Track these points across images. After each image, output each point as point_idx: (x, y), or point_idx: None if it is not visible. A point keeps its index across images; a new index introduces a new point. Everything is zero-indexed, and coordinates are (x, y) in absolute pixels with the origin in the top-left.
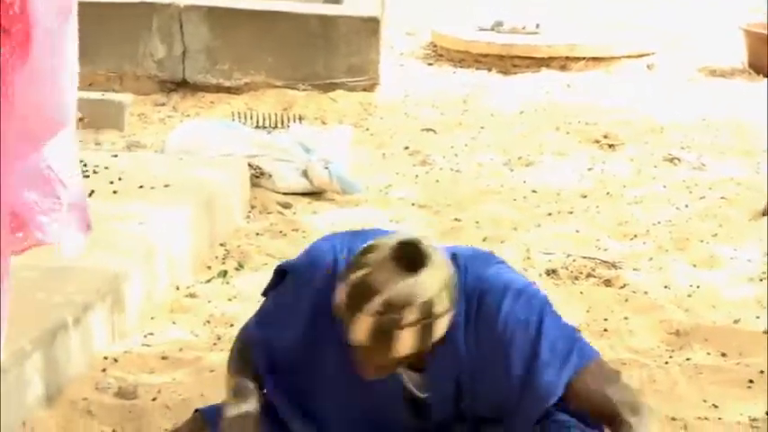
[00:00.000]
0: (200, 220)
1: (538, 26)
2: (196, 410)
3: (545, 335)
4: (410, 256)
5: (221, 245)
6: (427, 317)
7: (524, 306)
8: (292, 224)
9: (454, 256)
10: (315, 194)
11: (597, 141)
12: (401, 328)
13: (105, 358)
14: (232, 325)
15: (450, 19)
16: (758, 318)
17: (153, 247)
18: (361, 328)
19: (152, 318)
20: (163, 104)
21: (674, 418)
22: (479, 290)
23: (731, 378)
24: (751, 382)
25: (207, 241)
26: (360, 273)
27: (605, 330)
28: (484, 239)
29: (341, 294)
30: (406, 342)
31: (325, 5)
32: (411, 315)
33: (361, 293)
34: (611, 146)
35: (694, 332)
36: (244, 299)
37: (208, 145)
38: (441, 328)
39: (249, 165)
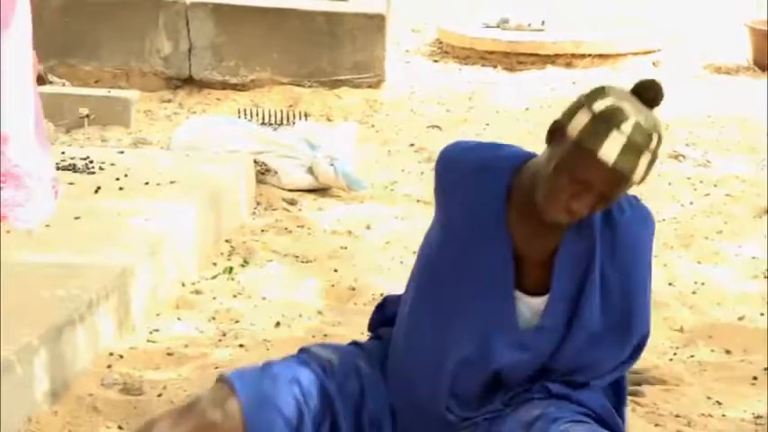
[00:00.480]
0: (206, 216)
1: (543, 23)
2: (220, 377)
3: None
4: (653, 97)
5: (227, 241)
6: (657, 149)
7: (646, 229)
8: (298, 220)
9: None
10: (320, 191)
11: None
12: (648, 150)
13: (111, 354)
14: (237, 321)
15: (455, 16)
16: (762, 315)
17: (158, 243)
18: (613, 146)
19: (157, 314)
20: (169, 101)
21: (677, 415)
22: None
23: (735, 375)
24: (755, 378)
25: (212, 237)
26: (607, 101)
27: None
28: None
29: (587, 118)
30: (642, 167)
31: (331, 2)
32: (653, 142)
33: (616, 114)
34: None
35: (699, 329)
36: (249, 295)
37: (213, 141)
38: (652, 165)
39: (255, 161)
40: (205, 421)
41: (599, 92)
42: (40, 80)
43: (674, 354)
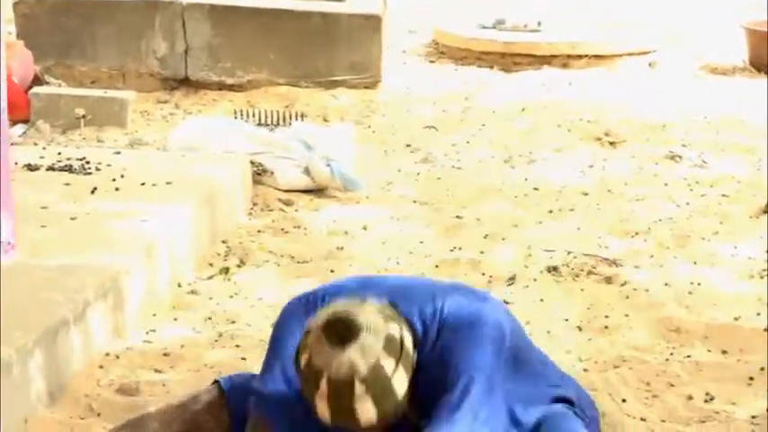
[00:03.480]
0: (202, 217)
1: (539, 24)
2: (215, 381)
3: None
4: (340, 334)
5: (223, 242)
6: (376, 384)
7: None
8: (294, 221)
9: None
10: (317, 191)
11: (598, 139)
12: (355, 401)
13: (107, 355)
14: (233, 322)
15: (451, 17)
16: (759, 315)
17: (155, 243)
18: (322, 410)
19: (153, 315)
20: (165, 102)
21: (674, 416)
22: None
23: (732, 375)
24: (751, 379)
25: (209, 238)
26: (304, 356)
27: (606, 327)
28: (485, 237)
29: (322, 407)
30: (367, 411)
31: (328, 3)
32: (358, 389)
33: (311, 378)
34: (612, 143)
35: (695, 329)
36: (245, 296)
37: (210, 142)
38: (400, 383)
39: (251, 162)
40: (193, 414)
41: (300, 347)
42: (37, 80)
43: (671, 354)
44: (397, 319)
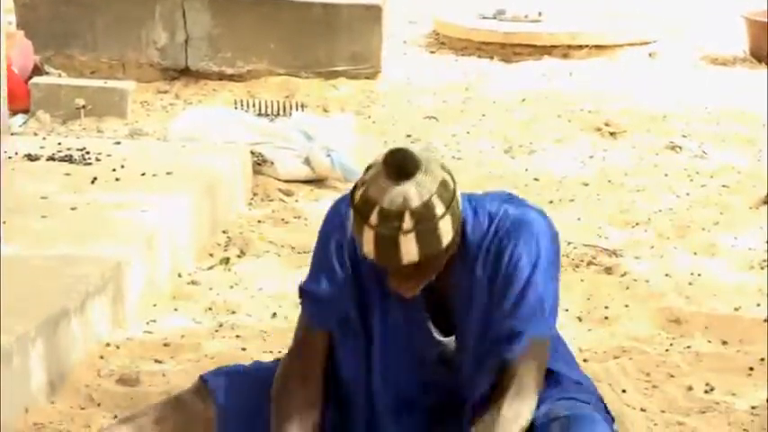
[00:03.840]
0: (203, 207)
1: (540, 14)
2: (200, 377)
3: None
4: (399, 165)
5: (223, 232)
6: (424, 221)
7: (529, 247)
8: (294, 211)
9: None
10: (317, 182)
11: (599, 129)
12: (402, 233)
13: (107, 345)
14: (234, 312)
15: (452, 7)
16: (759, 305)
17: (155, 234)
18: (367, 242)
19: (154, 305)
20: (165, 92)
21: (674, 406)
22: (495, 225)
23: (732, 366)
24: (751, 369)
25: (209, 228)
26: (360, 191)
27: (606, 318)
28: None
29: (351, 216)
30: (410, 248)
31: None
32: (407, 222)
33: (363, 209)
34: (612, 134)
35: (695, 320)
36: (245, 286)
37: (210, 132)
38: (445, 231)
39: (251, 152)
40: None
41: (357, 183)
42: (37, 70)
43: (671, 344)
44: (452, 177)
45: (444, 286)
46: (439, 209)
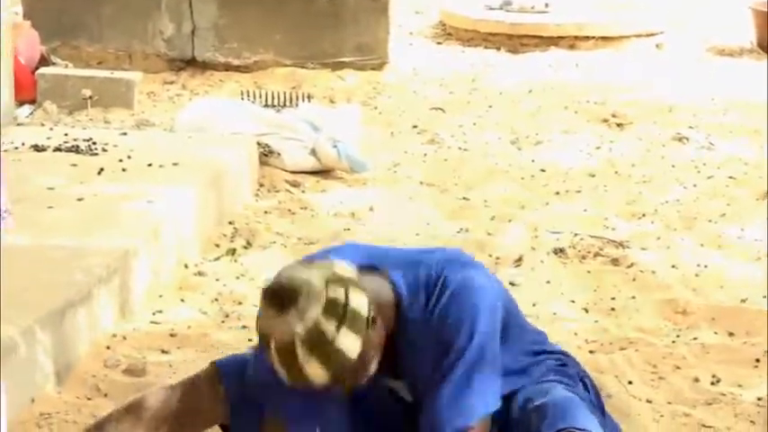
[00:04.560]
0: (209, 198)
1: (547, 5)
2: (212, 362)
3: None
4: (277, 297)
5: (230, 223)
6: (318, 345)
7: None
8: (300, 202)
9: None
10: (323, 173)
11: (605, 120)
12: (304, 363)
13: (114, 336)
14: (240, 303)
15: None
16: (765, 297)
17: (161, 224)
18: (280, 373)
19: (160, 296)
20: (172, 83)
21: (680, 398)
22: (435, 297)
23: (738, 357)
24: (757, 361)
25: (215, 219)
26: (258, 321)
27: (612, 309)
28: (492, 218)
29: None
30: (317, 372)
31: None
32: (301, 352)
33: (262, 340)
34: (619, 125)
35: (701, 311)
36: (252, 277)
37: (216, 123)
38: (349, 343)
39: (258, 143)
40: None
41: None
42: (44, 61)
43: (677, 336)
44: (348, 281)
45: (389, 360)
46: (329, 330)
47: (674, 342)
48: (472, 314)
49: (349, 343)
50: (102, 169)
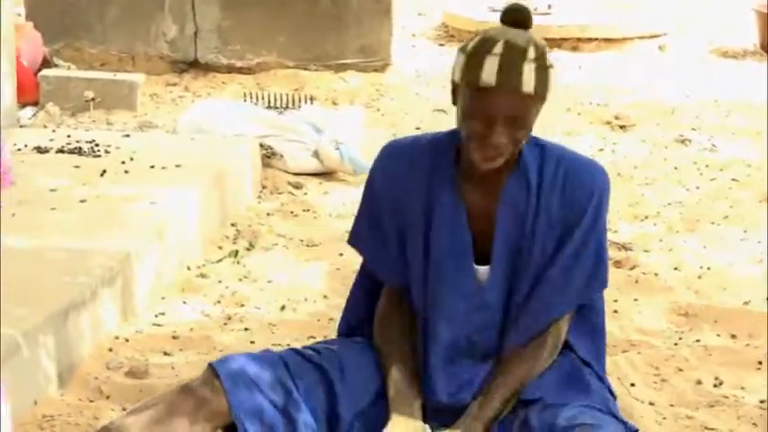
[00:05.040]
0: (212, 199)
1: (550, 7)
2: (209, 365)
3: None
4: (519, 16)
5: (232, 225)
6: (542, 57)
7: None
8: (303, 204)
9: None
10: (326, 175)
11: (608, 122)
12: (526, 61)
13: (116, 338)
14: (242, 305)
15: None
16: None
17: (164, 226)
18: (490, 69)
19: (163, 297)
20: (175, 84)
21: (683, 400)
22: (556, 158)
23: (741, 360)
24: (760, 363)
25: (218, 221)
26: (478, 37)
27: (615, 311)
28: None
29: (461, 57)
30: (530, 78)
31: None
32: (531, 52)
33: (485, 43)
34: (622, 127)
35: (704, 314)
36: (254, 279)
37: (219, 125)
38: (552, 80)
39: (260, 145)
40: (193, 398)
41: (470, 39)
42: (46, 63)
43: (680, 338)
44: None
45: (493, 201)
46: (549, 59)
47: (676, 344)
48: (599, 196)
49: (552, 81)
50: (104, 171)
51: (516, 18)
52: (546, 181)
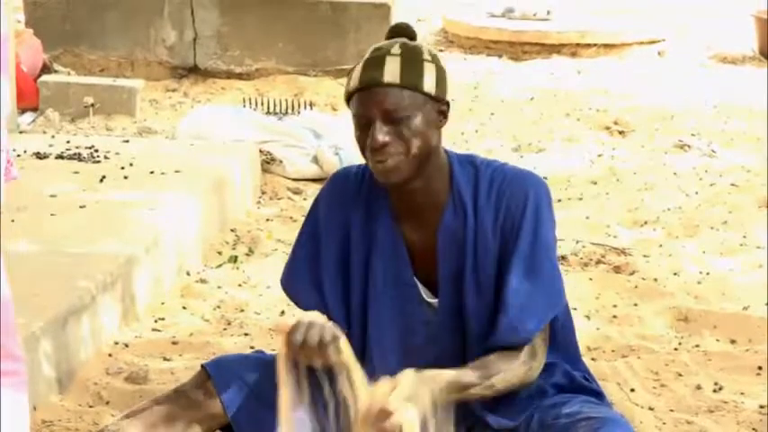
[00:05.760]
0: (211, 205)
1: (549, 12)
2: (202, 366)
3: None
4: (400, 29)
5: (232, 230)
6: (410, 54)
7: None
8: (302, 210)
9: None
10: (325, 180)
11: (607, 128)
12: (389, 55)
13: (116, 343)
14: (242, 310)
15: (461, 5)
16: (767, 305)
17: (163, 232)
18: (356, 73)
19: (162, 303)
20: (174, 90)
21: (682, 405)
22: (489, 176)
23: (740, 365)
24: (760, 368)
25: (217, 227)
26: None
27: (614, 317)
28: None
29: (358, 70)
30: (393, 67)
31: None
32: (395, 49)
33: (379, 51)
34: (621, 132)
35: (704, 319)
36: (254, 284)
37: (218, 131)
38: (428, 77)
39: (260, 150)
40: (187, 401)
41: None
42: (46, 69)
43: (680, 343)
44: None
45: (432, 233)
46: (426, 55)
47: (676, 349)
48: (535, 201)
49: (429, 77)
50: (104, 177)
51: (398, 32)
52: (481, 200)
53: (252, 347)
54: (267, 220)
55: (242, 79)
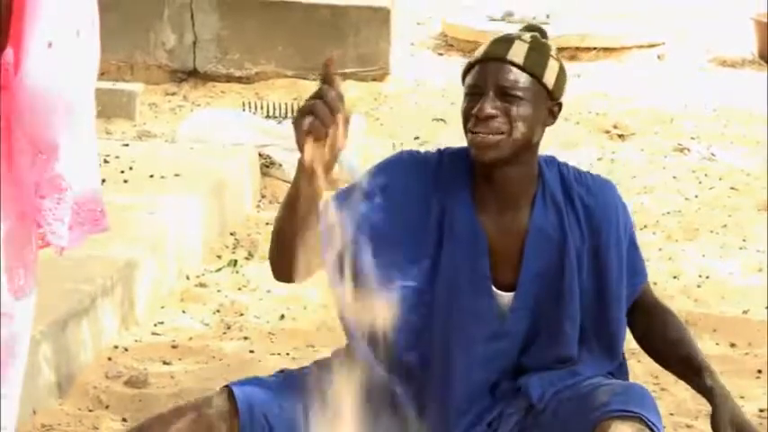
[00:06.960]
0: (211, 209)
1: (548, 16)
2: (226, 386)
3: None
4: (537, 31)
5: (231, 234)
6: (539, 46)
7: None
8: None
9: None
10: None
11: (607, 131)
12: (519, 39)
13: (116, 347)
14: (242, 314)
15: (460, 9)
16: (767, 308)
17: (163, 236)
18: (518, 50)
19: (162, 307)
20: (173, 94)
21: (682, 409)
22: (576, 179)
23: (740, 368)
24: (760, 372)
25: (217, 230)
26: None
27: None
28: None
29: (484, 46)
30: (520, 50)
31: None
32: (526, 36)
33: (510, 35)
34: (620, 136)
35: (703, 322)
36: (253, 288)
37: (218, 134)
38: (550, 71)
39: (259, 154)
40: (202, 416)
41: None
42: None
43: None
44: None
45: (519, 229)
46: (553, 53)
47: None
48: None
49: (551, 72)
50: (103, 180)
51: (530, 28)
52: (569, 202)
53: (252, 351)
54: (267, 223)
55: (241, 83)
